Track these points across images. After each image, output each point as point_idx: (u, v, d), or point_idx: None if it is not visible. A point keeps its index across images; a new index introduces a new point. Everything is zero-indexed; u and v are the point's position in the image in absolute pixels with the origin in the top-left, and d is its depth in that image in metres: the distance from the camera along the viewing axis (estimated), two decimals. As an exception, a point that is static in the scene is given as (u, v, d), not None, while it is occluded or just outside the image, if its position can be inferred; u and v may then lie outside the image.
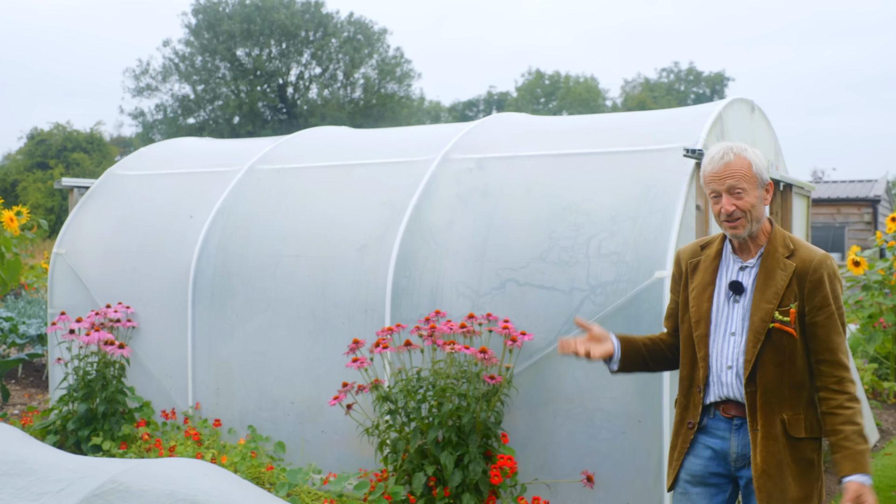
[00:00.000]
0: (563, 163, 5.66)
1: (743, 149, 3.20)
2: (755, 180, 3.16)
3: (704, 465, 3.31)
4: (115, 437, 6.48)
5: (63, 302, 7.55)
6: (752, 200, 3.14)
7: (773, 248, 3.20)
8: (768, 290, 3.15)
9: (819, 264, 3.12)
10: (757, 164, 3.18)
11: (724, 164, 3.15)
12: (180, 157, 7.90)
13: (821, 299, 3.12)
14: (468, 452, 4.92)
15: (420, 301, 5.61)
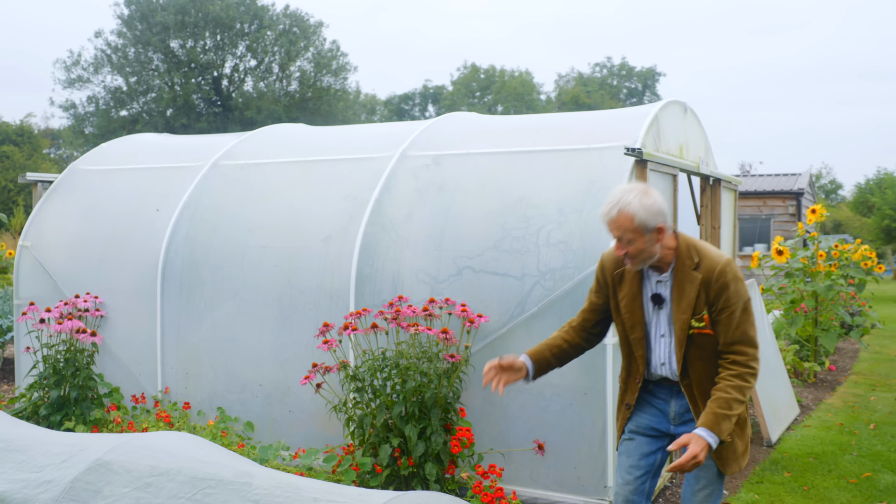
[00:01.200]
0: (513, 159, 6.15)
1: (627, 203, 3.57)
2: (640, 230, 3.59)
3: (648, 420, 3.84)
4: (87, 422, 6.78)
5: (29, 293, 7.80)
6: (639, 246, 3.62)
7: (680, 262, 3.70)
8: (682, 302, 3.67)
9: (721, 273, 3.63)
10: (640, 215, 3.56)
11: (609, 219, 3.63)
12: (142, 152, 8.19)
13: (724, 301, 3.62)
14: (430, 425, 5.37)
15: (382, 287, 6.05)
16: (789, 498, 6.01)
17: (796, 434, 7.86)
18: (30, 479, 4.36)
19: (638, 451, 3.88)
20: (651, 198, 3.60)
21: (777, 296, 11.10)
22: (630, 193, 3.61)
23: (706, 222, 7.42)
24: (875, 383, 10.50)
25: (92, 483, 4.19)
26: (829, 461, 6.93)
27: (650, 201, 3.59)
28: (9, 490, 4.33)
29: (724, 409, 3.52)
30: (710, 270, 3.62)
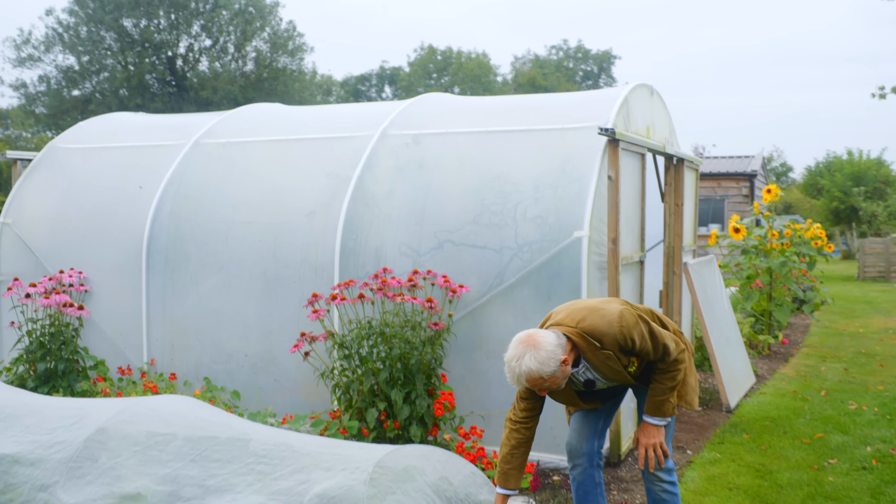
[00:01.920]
0: (491, 139, 6.45)
1: (528, 368, 3.81)
2: (549, 376, 3.83)
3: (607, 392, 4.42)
4: (75, 393, 6.97)
5: (11, 269, 7.93)
6: (555, 382, 3.92)
7: (588, 353, 4.00)
8: (610, 371, 4.03)
9: (623, 337, 3.93)
10: (542, 370, 3.80)
11: (520, 386, 3.95)
12: (122, 131, 8.34)
13: (637, 348, 3.99)
14: (415, 390, 5.67)
15: (366, 260, 6.32)
16: (748, 456, 6.42)
17: (753, 400, 8.29)
18: (41, 440, 4.58)
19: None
20: (542, 349, 3.83)
21: (734, 272, 11.56)
22: (525, 359, 3.82)
23: (670, 200, 7.79)
24: (825, 355, 11.01)
25: (103, 443, 4.42)
26: (785, 424, 7.36)
27: (543, 354, 3.82)
28: (22, 451, 4.54)
29: (660, 396, 4.10)
30: (614, 342, 3.95)
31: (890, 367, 10.05)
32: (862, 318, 15.01)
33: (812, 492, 5.64)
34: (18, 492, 4.36)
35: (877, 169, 34.76)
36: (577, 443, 4.31)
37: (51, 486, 4.31)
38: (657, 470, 4.20)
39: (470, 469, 4.33)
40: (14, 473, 4.47)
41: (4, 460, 4.52)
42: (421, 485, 3.84)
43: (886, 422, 7.43)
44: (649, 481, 4.26)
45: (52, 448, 4.50)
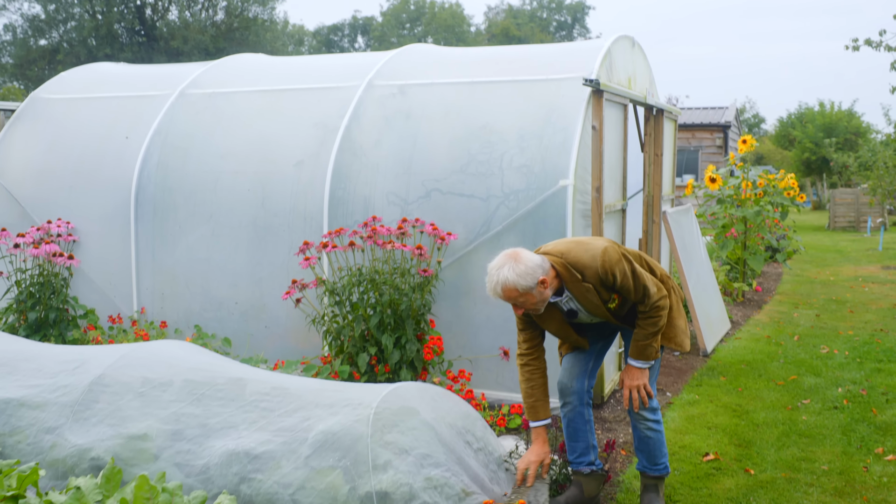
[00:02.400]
0: (476, 89, 6.55)
1: (505, 279, 3.97)
2: (525, 291, 4.01)
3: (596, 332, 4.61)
4: (66, 341, 7.07)
5: (-3, 220, 7.97)
6: (531, 301, 4.10)
7: (570, 284, 4.18)
8: (591, 304, 4.22)
9: (603, 273, 4.12)
10: (518, 283, 3.97)
11: (496, 296, 4.07)
12: (104, 81, 8.34)
13: (619, 285, 4.17)
14: (405, 335, 5.83)
15: (355, 209, 6.44)
16: (725, 397, 6.66)
17: (729, 345, 8.54)
18: (45, 384, 4.70)
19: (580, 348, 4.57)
20: (522, 263, 4.01)
21: (709, 221, 11.78)
22: (504, 269, 3.99)
23: (649, 150, 7.94)
24: (798, 302, 11.30)
25: (107, 386, 4.54)
26: (759, 367, 7.62)
27: (523, 267, 4.00)
28: (27, 395, 4.65)
29: (644, 341, 4.29)
30: (596, 276, 4.13)
31: (859, 314, 10.35)
32: (832, 267, 15.34)
33: (786, 430, 5.89)
34: (25, 434, 4.47)
35: (848, 120, 35.10)
36: (568, 381, 4.49)
37: (57, 428, 4.42)
38: (642, 409, 4.40)
39: (464, 406, 4.50)
40: (20, 416, 4.57)
41: (10, 404, 4.63)
42: (421, 420, 4.01)
43: (856, 364, 7.70)
44: (635, 420, 4.46)
45: (55, 392, 4.62)
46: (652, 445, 4.46)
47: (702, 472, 5.09)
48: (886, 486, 4.88)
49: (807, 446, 5.57)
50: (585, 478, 4.53)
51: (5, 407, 4.60)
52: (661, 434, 4.50)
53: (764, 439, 5.70)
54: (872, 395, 6.69)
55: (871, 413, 6.23)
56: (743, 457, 5.37)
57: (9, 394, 4.70)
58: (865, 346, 8.45)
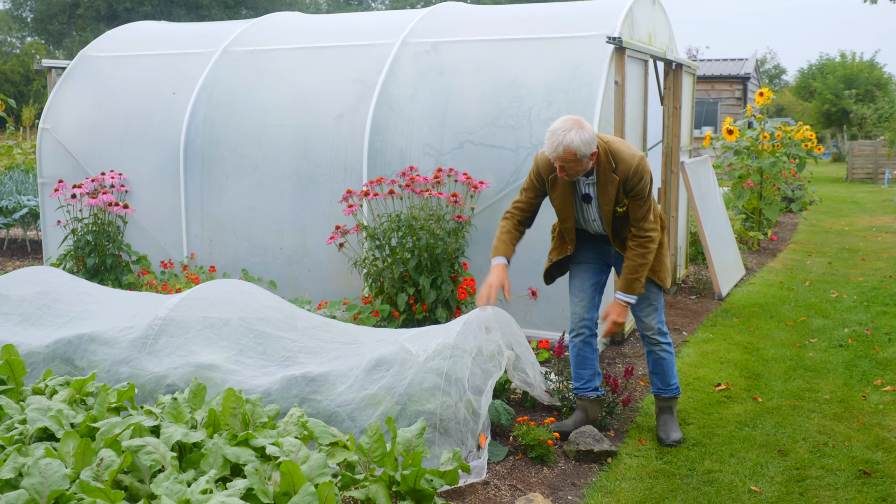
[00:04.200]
0: (505, 46, 6.95)
1: (570, 141, 4.34)
2: (580, 158, 4.42)
3: (593, 254, 5.01)
4: (122, 285, 7.60)
5: (52, 172, 8.47)
6: (577, 168, 4.52)
7: (602, 168, 4.61)
8: (606, 197, 4.62)
9: (634, 173, 4.56)
10: (580, 149, 4.37)
11: (556, 155, 4.44)
12: (148, 39, 8.78)
13: (635, 193, 4.60)
14: (440, 276, 6.31)
15: (392, 160, 6.89)
16: (738, 336, 7.13)
17: (743, 290, 8.99)
18: (113, 324, 5.19)
19: (586, 276, 5.00)
20: (586, 131, 4.42)
21: (726, 172, 12.17)
22: (570, 132, 4.36)
23: (668, 104, 8.33)
24: (811, 250, 11.70)
25: (172, 320, 5.01)
26: (771, 310, 8.07)
27: (587, 135, 4.42)
28: (97, 331, 5.15)
29: (632, 275, 4.64)
30: (626, 172, 4.56)
31: (871, 261, 10.76)
32: (848, 217, 15.69)
33: (793, 365, 6.35)
34: (102, 367, 4.96)
35: (869, 71, 35.03)
36: (582, 311, 4.96)
37: (132, 360, 4.92)
38: (656, 334, 4.89)
39: (496, 341, 4.94)
40: (94, 351, 5.06)
41: (83, 338, 5.13)
42: (460, 350, 4.49)
43: (864, 308, 8.14)
44: (650, 344, 4.94)
45: (122, 331, 5.10)
46: (665, 367, 4.95)
47: (713, 400, 5.57)
48: (882, 412, 5.35)
49: (811, 379, 6.04)
50: (591, 402, 5.02)
51: (79, 342, 5.10)
52: (672, 357, 4.99)
53: (772, 373, 6.17)
54: (876, 335, 7.13)
55: (873, 350, 6.68)
56: (752, 387, 5.85)
57: (81, 329, 5.22)
58: (874, 291, 8.87)
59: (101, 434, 3.22)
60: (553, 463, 4.50)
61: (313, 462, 3.04)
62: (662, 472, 4.46)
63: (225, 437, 3.37)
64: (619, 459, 4.60)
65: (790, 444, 4.85)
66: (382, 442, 3.44)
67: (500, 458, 4.46)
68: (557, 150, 4.40)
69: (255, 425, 3.58)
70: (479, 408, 4.31)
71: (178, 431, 3.33)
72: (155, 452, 3.08)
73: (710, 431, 5.02)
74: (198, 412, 3.70)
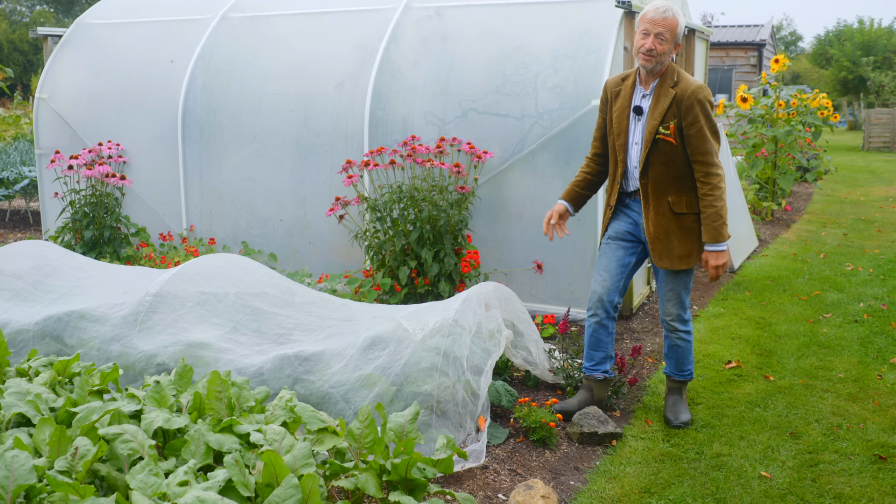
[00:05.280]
0: (510, 11, 6.71)
1: (676, 12, 4.31)
2: (675, 37, 4.35)
3: (625, 227, 4.67)
4: (120, 258, 7.45)
5: (49, 143, 8.31)
6: (666, 48, 4.35)
7: (663, 80, 4.41)
8: (656, 111, 4.38)
9: (692, 93, 4.33)
10: (681, 27, 4.33)
11: (663, 17, 4.30)
12: (147, 5, 8.56)
13: (692, 118, 4.32)
14: (443, 249, 6.13)
15: (394, 129, 6.69)
16: (750, 311, 6.93)
17: (756, 262, 8.78)
18: (102, 301, 5.04)
19: (614, 255, 4.67)
20: (685, 18, 4.42)
21: (740, 141, 11.89)
22: (676, 7, 4.36)
23: (681, 70, 8.06)
24: (826, 221, 11.46)
25: (163, 297, 4.86)
26: (784, 283, 7.86)
27: (684, 20, 4.44)
28: (87, 308, 5.00)
29: (716, 221, 4.35)
30: (684, 90, 4.33)
31: (887, 233, 10.51)
32: (864, 187, 15.40)
33: (807, 341, 6.16)
34: (92, 345, 4.80)
35: (888, 38, 34.44)
36: (602, 292, 4.68)
37: (123, 338, 4.76)
38: (675, 321, 4.63)
39: (496, 319, 4.76)
40: (84, 328, 4.90)
41: (73, 315, 4.97)
42: (460, 327, 4.32)
43: (880, 281, 7.92)
44: (668, 330, 4.70)
45: (113, 308, 4.95)
46: (681, 354, 4.73)
47: (724, 378, 5.39)
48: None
49: (825, 356, 5.84)
50: (597, 383, 4.81)
51: (69, 319, 4.94)
52: (691, 344, 4.75)
53: (785, 349, 5.98)
54: (893, 310, 6.92)
55: (889, 326, 6.47)
56: (764, 365, 5.66)
57: (71, 306, 5.06)
58: (890, 264, 8.65)
59: (78, 421, 3.07)
60: (555, 446, 4.33)
61: (297, 452, 2.88)
62: (669, 455, 4.29)
63: (209, 422, 3.22)
64: (625, 442, 4.43)
65: (803, 426, 4.67)
66: (374, 427, 3.27)
67: (500, 440, 4.30)
68: (666, 15, 4.29)
69: (242, 410, 3.42)
70: (478, 389, 4.14)
71: (159, 417, 3.18)
72: (133, 441, 2.93)
73: (719, 412, 4.84)
74: (183, 395, 3.54)
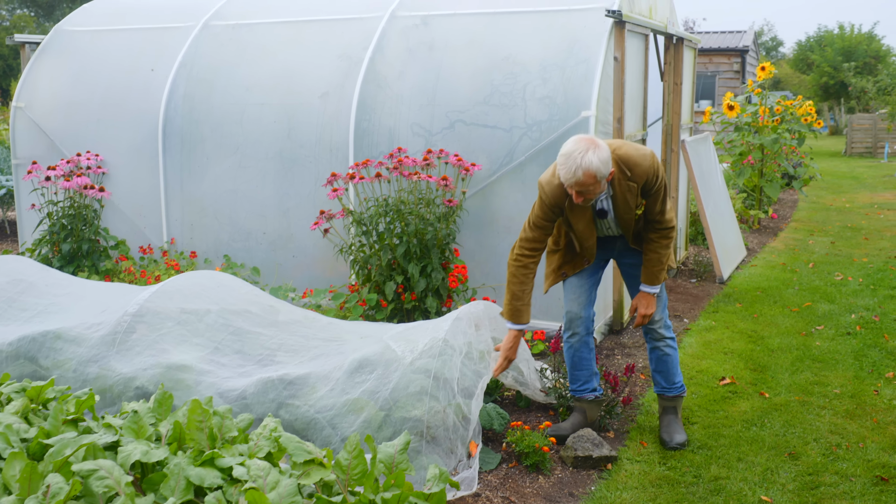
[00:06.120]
0: (498, 20, 6.59)
1: (590, 163, 3.98)
2: (600, 179, 4.06)
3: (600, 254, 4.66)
4: (99, 272, 7.28)
5: (26, 153, 8.11)
6: (596, 190, 4.16)
7: (617, 179, 4.25)
8: (626, 206, 4.28)
9: (651, 170, 4.23)
10: (600, 170, 4.01)
11: (575, 180, 4.03)
12: (127, 12, 8.39)
13: (653, 192, 4.29)
14: (430, 263, 6.00)
15: (380, 140, 6.55)
16: (741, 323, 6.84)
17: (745, 272, 8.69)
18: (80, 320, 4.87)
19: (584, 272, 4.64)
20: (602, 150, 4.05)
21: (726, 149, 11.83)
22: (588, 153, 3.98)
23: (669, 79, 7.98)
24: (813, 229, 11.40)
25: (141, 316, 4.70)
26: (775, 294, 7.77)
27: (604, 154, 4.04)
28: (63, 328, 4.81)
29: (657, 266, 4.45)
30: (644, 175, 4.22)
31: (874, 241, 10.46)
32: (848, 194, 15.39)
33: (800, 355, 6.06)
34: (68, 366, 4.63)
35: (868, 44, 34.59)
36: (577, 310, 4.60)
37: (100, 360, 4.59)
38: (661, 328, 4.60)
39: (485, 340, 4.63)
40: (60, 349, 4.71)
41: (48, 336, 4.79)
42: (449, 346, 4.19)
43: (870, 291, 7.85)
44: (654, 340, 4.62)
45: (90, 328, 4.78)
46: (669, 364, 4.64)
47: (718, 396, 5.28)
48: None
49: (820, 371, 5.75)
50: (589, 404, 4.71)
51: (44, 339, 4.76)
52: (677, 352, 4.71)
53: (778, 364, 5.88)
54: (885, 322, 6.84)
55: (882, 339, 6.39)
56: (758, 381, 5.56)
57: (46, 326, 4.88)
58: (879, 273, 8.58)
59: (51, 455, 2.92)
60: (549, 471, 4.21)
61: (283, 489, 2.74)
62: (666, 479, 4.17)
63: (189, 455, 3.07)
64: (620, 465, 4.31)
65: (801, 445, 4.56)
66: (363, 458, 3.13)
67: (492, 466, 4.17)
68: (577, 175, 4.01)
69: (224, 440, 3.27)
70: (469, 413, 4.01)
71: (137, 450, 3.03)
72: (108, 477, 2.78)
73: (715, 432, 4.73)
74: (163, 424, 3.39)
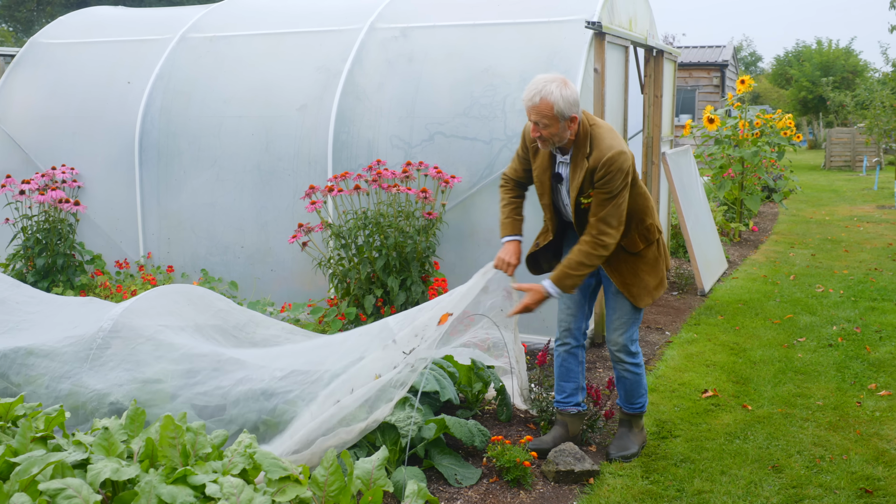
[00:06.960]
0: (478, 32, 6.56)
1: (549, 92, 3.88)
2: (557, 117, 3.94)
3: None
4: (74, 287, 7.17)
5: (0, 167, 8.00)
6: (552, 131, 4.04)
7: (577, 149, 4.15)
8: (574, 182, 4.16)
9: (604, 165, 4.04)
10: (559, 105, 3.89)
11: (532, 105, 3.96)
12: (104, 25, 8.32)
13: (600, 185, 4.08)
14: (410, 277, 5.94)
15: (359, 153, 6.49)
16: (723, 336, 6.80)
17: (726, 285, 8.68)
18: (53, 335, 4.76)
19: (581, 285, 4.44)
20: (570, 89, 3.97)
21: (707, 162, 11.84)
22: (552, 83, 3.93)
23: (649, 92, 7.98)
24: (793, 241, 11.42)
25: (117, 331, 4.60)
26: (756, 306, 7.75)
27: (569, 93, 3.96)
28: (35, 343, 4.70)
29: (570, 269, 4.12)
30: (597, 161, 4.06)
31: (854, 253, 10.48)
32: (828, 207, 15.45)
33: (783, 367, 6.03)
34: (41, 382, 4.52)
35: (845, 59, 34.88)
36: (569, 321, 4.56)
37: (73, 375, 4.49)
38: (620, 352, 4.45)
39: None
40: (31, 365, 4.60)
41: (19, 352, 4.68)
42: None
43: (851, 303, 7.84)
44: (614, 361, 4.54)
45: (63, 342, 4.67)
46: (629, 385, 4.54)
47: (701, 409, 5.24)
48: (879, 420, 5.03)
49: (802, 383, 5.72)
50: (571, 417, 4.64)
51: (15, 356, 4.65)
52: (640, 376, 4.54)
53: (761, 376, 5.85)
54: (866, 333, 6.83)
55: (864, 350, 6.37)
56: (741, 393, 5.52)
57: (17, 342, 4.78)
58: (860, 285, 8.58)
59: (17, 474, 2.83)
60: (530, 486, 4.14)
61: (256, 507, 2.67)
62: (649, 493, 4.11)
63: (161, 472, 2.99)
64: (602, 479, 4.25)
65: (784, 458, 4.52)
66: (340, 474, 3.06)
67: (472, 481, 4.10)
68: (534, 100, 3.94)
69: (198, 457, 3.19)
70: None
71: (107, 468, 2.94)
72: (76, 496, 2.69)
73: (698, 445, 4.68)
74: (135, 441, 3.31)
